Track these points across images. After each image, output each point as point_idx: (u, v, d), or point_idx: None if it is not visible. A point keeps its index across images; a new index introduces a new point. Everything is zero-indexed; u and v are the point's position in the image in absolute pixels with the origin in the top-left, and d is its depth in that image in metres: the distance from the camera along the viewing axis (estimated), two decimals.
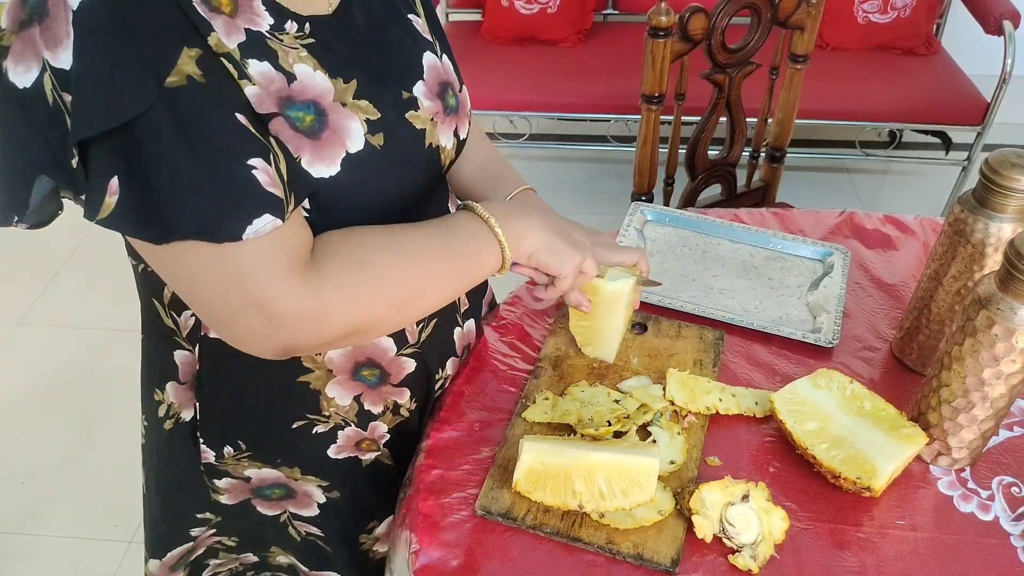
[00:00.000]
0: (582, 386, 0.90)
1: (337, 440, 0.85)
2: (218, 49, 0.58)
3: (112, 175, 0.56)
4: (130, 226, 0.57)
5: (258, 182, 0.58)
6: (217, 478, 0.86)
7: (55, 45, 0.53)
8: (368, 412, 0.84)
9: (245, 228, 0.57)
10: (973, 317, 0.75)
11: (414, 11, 0.80)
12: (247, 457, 0.84)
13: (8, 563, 1.70)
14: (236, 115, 0.58)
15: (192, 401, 0.82)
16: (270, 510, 0.90)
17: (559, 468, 0.76)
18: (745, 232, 1.16)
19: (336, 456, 0.86)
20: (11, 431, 1.98)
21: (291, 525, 0.91)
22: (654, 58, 1.44)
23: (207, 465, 0.85)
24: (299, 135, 0.63)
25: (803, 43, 1.57)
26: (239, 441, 0.83)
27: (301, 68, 0.63)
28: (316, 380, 0.80)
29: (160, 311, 0.78)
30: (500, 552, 0.75)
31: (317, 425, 0.83)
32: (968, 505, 0.81)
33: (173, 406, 0.83)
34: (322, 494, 0.89)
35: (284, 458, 0.85)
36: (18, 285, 2.38)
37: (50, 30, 0.53)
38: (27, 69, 0.55)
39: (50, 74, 0.54)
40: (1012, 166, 0.80)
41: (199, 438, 0.83)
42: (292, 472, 0.86)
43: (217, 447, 0.83)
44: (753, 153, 1.77)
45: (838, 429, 0.82)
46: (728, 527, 0.74)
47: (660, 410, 0.86)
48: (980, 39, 2.46)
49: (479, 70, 2.57)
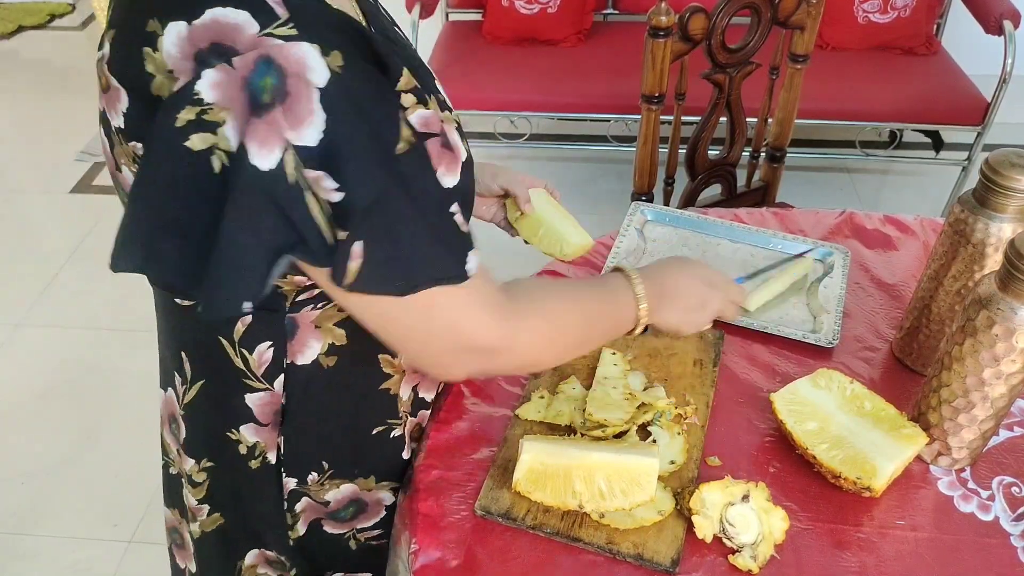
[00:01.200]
0: (572, 383, 0.90)
1: (406, 439, 0.85)
2: (406, 87, 0.62)
3: (356, 241, 0.58)
4: (376, 285, 0.61)
5: (458, 226, 0.64)
6: (296, 501, 0.82)
7: (298, 124, 0.54)
8: (422, 400, 0.86)
9: (466, 268, 0.64)
10: (973, 317, 0.75)
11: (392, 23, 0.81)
12: (328, 478, 0.82)
13: (8, 563, 1.70)
14: (435, 170, 0.63)
15: (276, 440, 0.78)
16: (338, 529, 0.87)
17: (559, 468, 0.76)
18: (745, 232, 1.16)
19: (407, 456, 0.86)
20: (11, 431, 1.98)
21: (353, 538, 0.88)
22: (654, 58, 1.44)
23: (290, 492, 0.81)
24: (444, 150, 0.66)
25: (803, 43, 1.57)
26: (323, 462, 0.81)
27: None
28: (394, 384, 0.80)
29: (228, 350, 0.73)
30: (500, 552, 0.75)
31: (394, 428, 0.83)
32: (968, 505, 0.81)
33: (259, 445, 0.79)
34: (391, 496, 0.87)
35: (361, 468, 0.83)
36: (18, 285, 2.38)
37: (292, 110, 0.53)
38: (270, 151, 0.54)
39: (293, 152, 0.54)
40: (1012, 166, 0.80)
41: (282, 472, 0.80)
42: (367, 482, 0.84)
43: (301, 475, 0.81)
44: (753, 153, 1.77)
45: (838, 429, 0.82)
46: (728, 527, 0.74)
47: (661, 409, 0.86)
48: (980, 39, 2.45)
49: (479, 70, 2.56)
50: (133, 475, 1.83)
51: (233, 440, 0.78)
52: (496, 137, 2.69)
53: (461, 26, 2.83)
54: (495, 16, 2.67)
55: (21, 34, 3.82)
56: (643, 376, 0.92)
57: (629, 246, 1.13)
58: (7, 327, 2.26)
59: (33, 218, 2.67)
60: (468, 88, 2.45)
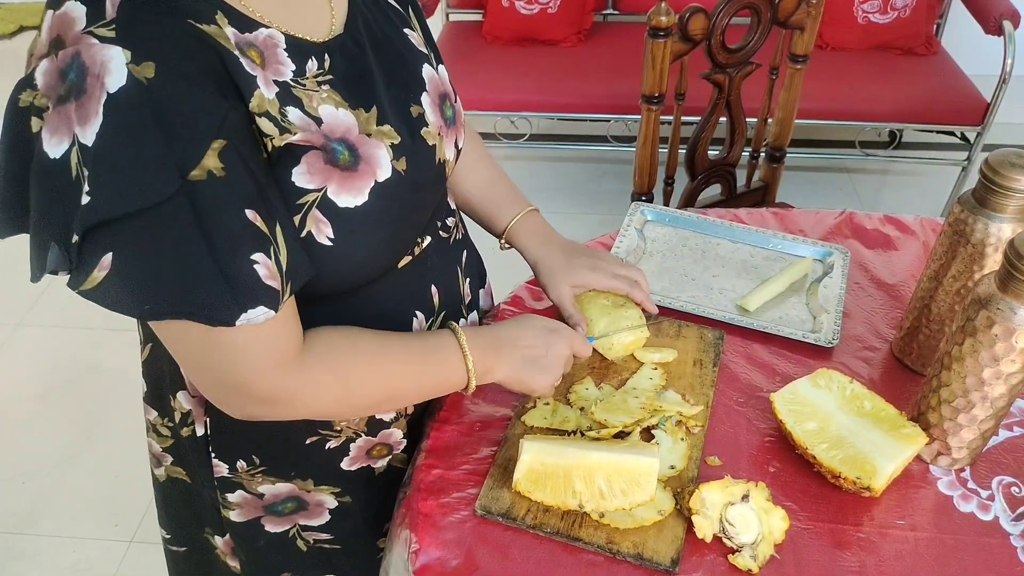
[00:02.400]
0: (587, 383, 0.90)
1: (350, 452, 0.85)
2: (258, 109, 0.61)
3: (107, 251, 0.57)
4: (113, 300, 0.59)
5: (258, 276, 0.61)
6: (230, 491, 0.85)
7: (85, 122, 0.55)
8: (380, 420, 0.85)
9: (239, 316, 0.61)
10: (973, 317, 0.75)
11: (408, 25, 0.81)
12: (261, 472, 0.83)
13: (8, 563, 1.70)
14: (246, 211, 0.60)
15: (203, 416, 0.81)
16: (279, 526, 0.89)
17: (559, 468, 0.76)
18: (745, 232, 1.16)
19: (350, 468, 0.86)
20: (11, 431, 1.98)
21: (299, 537, 0.90)
22: (654, 58, 1.44)
23: (221, 479, 0.84)
24: (330, 167, 0.66)
25: (803, 43, 1.57)
26: (252, 456, 0.82)
27: (325, 109, 0.66)
28: None
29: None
30: (500, 552, 0.75)
31: (329, 440, 0.83)
32: (968, 505, 0.81)
33: (191, 413, 0.82)
34: (334, 500, 0.88)
35: (297, 471, 0.85)
36: (18, 285, 2.38)
37: (84, 108, 0.55)
38: (59, 142, 0.56)
39: (77, 148, 0.56)
40: (1012, 166, 0.80)
41: (211, 452, 0.82)
42: (305, 484, 0.86)
43: (230, 461, 0.83)
44: (753, 153, 1.77)
45: (838, 429, 0.82)
46: (728, 527, 0.74)
47: (667, 413, 0.86)
48: (980, 39, 2.46)
49: (479, 70, 2.57)
50: (133, 475, 1.82)
51: (171, 406, 0.83)
52: (496, 137, 2.70)
53: (461, 26, 2.83)
54: (495, 16, 2.68)
55: (22, 34, 3.83)
56: (677, 395, 0.90)
57: (629, 246, 1.13)
58: (7, 327, 2.26)
59: None
60: (468, 88, 2.45)
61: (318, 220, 0.66)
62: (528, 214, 0.97)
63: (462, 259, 0.90)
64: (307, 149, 0.65)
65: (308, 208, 0.66)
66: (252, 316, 0.61)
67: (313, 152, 0.65)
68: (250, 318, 0.61)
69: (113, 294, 0.58)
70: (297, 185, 0.65)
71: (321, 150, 0.65)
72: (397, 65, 0.76)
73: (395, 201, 0.71)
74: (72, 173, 0.56)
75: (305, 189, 0.65)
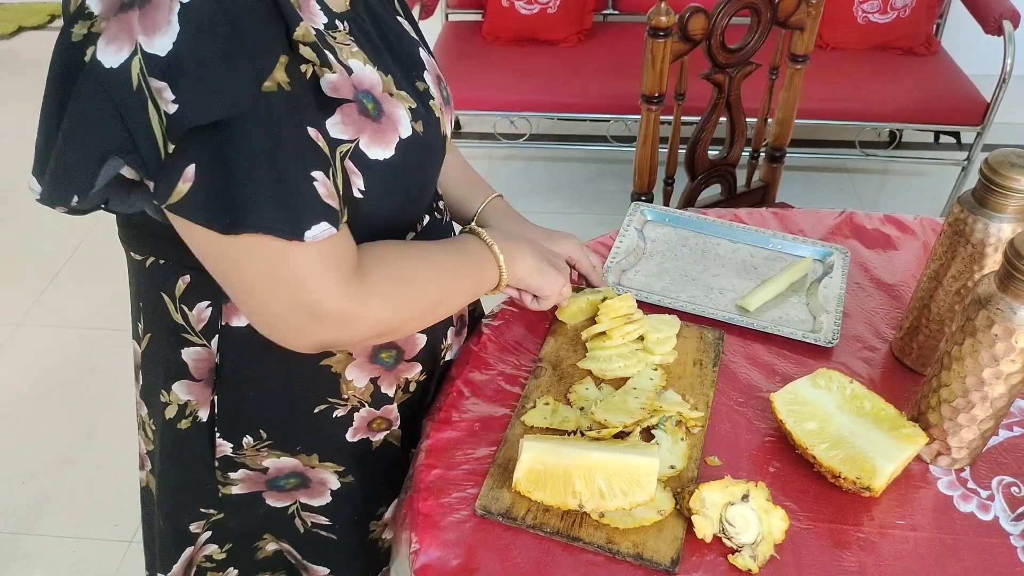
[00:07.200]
0: (587, 383, 0.90)
1: (354, 422, 0.86)
2: (305, 38, 0.61)
3: (190, 163, 0.58)
4: (200, 214, 0.59)
5: (317, 193, 0.62)
6: (232, 470, 0.85)
7: (152, 31, 0.54)
8: (384, 395, 0.86)
9: (307, 230, 0.62)
10: (973, 317, 0.75)
11: (398, 13, 0.84)
12: (267, 447, 0.84)
13: (8, 563, 1.70)
14: (308, 128, 0.62)
15: (209, 397, 0.81)
16: (281, 501, 0.90)
17: (559, 468, 0.76)
18: (745, 232, 1.16)
19: (352, 439, 0.87)
20: (11, 431, 1.98)
21: (299, 516, 0.91)
22: (654, 58, 1.44)
23: (223, 459, 0.84)
24: (364, 118, 0.68)
25: (803, 43, 1.57)
26: (260, 430, 0.83)
27: (354, 62, 0.69)
28: (337, 363, 0.82)
29: (169, 306, 0.77)
30: (500, 552, 0.75)
31: (337, 409, 0.84)
32: (968, 505, 0.81)
33: (190, 404, 0.82)
34: (337, 480, 0.89)
35: (303, 445, 0.86)
36: (18, 285, 2.38)
37: (150, 16, 0.54)
38: (118, 50, 0.55)
39: (140, 58, 0.55)
40: (1012, 166, 0.80)
41: (215, 432, 0.83)
42: (310, 459, 0.87)
43: (235, 438, 0.83)
44: (753, 153, 1.77)
45: (838, 429, 0.82)
46: (728, 527, 0.74)
47: (667, 414, 0.86)
48: (980, 39, 2.46)
49: (479, 70, 2.57)
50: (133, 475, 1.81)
51: (162, 402, 0.82)
52: (496, 137, 2.70)
53: (461, 26, 2.83)
54: (495, 16, 2.68)
55: (21, 34, 3.83)
56: (677, 396, 0.90)
57: (629, 246, 1.13)
58: (7, 327, 2.26)
59: (33, 218, 2.67)
60: (468, 88, 2.45)
61: (351, 171, 0.68)
62: (497, 198, 1.01)
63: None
64: (341, 102, 0.66)
65: (342, 158, 0.67)
66: (317, 232, 0.62)
67: (347, 104, 0.66)
68: (315, 234, 0.62)
69: (199, 208, 0.59)
70: (332, 136, 0.66)
71: (354, 102, 0.67)
72: (398, 44, 0.79)
73: (415, 160, 0.74)
74: (133, 83, 0.55)
75: (340, 140, 0.66)
